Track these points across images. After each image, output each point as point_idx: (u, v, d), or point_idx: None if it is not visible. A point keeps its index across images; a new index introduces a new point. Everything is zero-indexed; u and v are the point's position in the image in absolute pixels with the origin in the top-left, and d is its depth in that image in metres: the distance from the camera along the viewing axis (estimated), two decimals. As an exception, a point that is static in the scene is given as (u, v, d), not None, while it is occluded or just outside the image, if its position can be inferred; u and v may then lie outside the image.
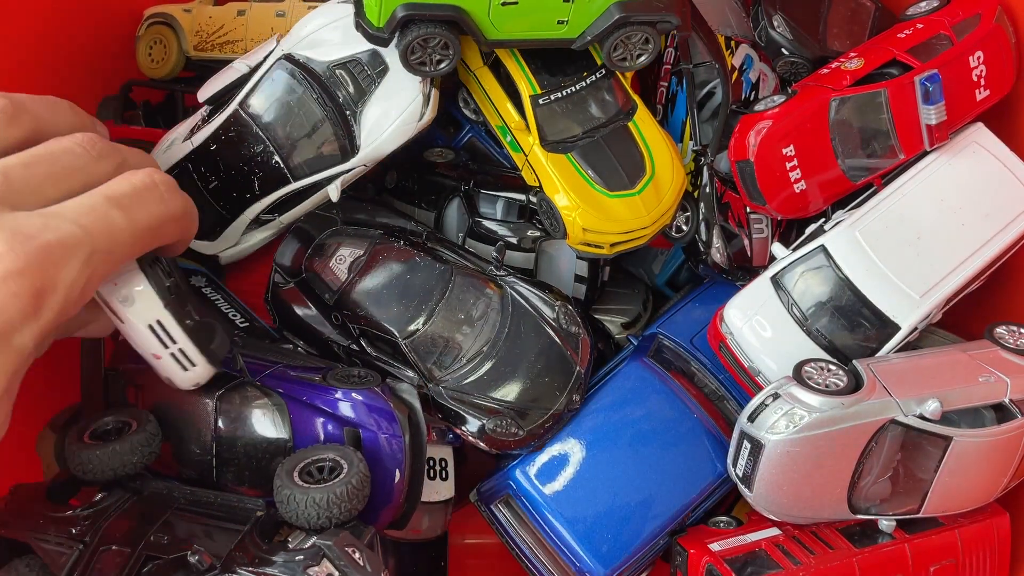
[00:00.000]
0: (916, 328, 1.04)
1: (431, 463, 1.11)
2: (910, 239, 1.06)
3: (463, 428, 1.07)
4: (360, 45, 1.05)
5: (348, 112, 1.06)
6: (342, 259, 1.12)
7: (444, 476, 1.13)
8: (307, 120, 1.06)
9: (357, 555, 0.81)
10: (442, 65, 1.02)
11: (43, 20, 1.24)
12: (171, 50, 1.31)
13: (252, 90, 1.08)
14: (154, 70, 1.33)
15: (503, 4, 0.97)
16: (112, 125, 1.30)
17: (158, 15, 1.32)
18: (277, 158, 1.07)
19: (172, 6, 1.33)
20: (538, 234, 1.17)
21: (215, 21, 1.29)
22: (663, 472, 1.07)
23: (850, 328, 1.05)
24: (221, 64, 1.22)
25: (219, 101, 1.11)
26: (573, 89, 1.09)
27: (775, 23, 1.15)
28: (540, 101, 1.07)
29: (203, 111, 1.13)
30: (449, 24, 0.98)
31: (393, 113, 1.05)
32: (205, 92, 1.12)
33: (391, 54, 1.04)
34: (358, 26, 1.03)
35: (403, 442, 0.99)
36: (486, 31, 1.00)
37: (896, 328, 1.04)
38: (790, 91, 1.11)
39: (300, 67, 1.06)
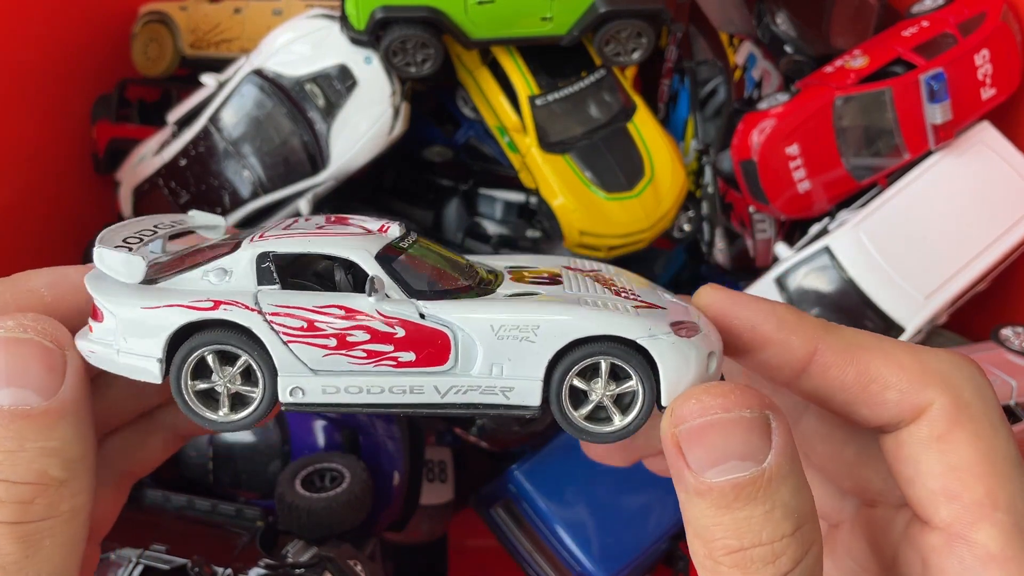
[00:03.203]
0: (921, 330, 1.03)
1: (429, 465, 1.11)
2: (915, 240, 1.05)
3: (463, 427, 1.06)
4: (329, 59, 1.05)
5: (318, 127, 1.05)
6: None
7: (443, 478, 1.12)
8: (277, 135, 1.06)
9: (359, 567, 0.80)
10: (426, 65, 1.02)
11: (38, 18, 1.23)
12: (167, 48, 1.30)
13: (222, 105, 1.08)
14: (150, 68, 1.32)
15: (479, 3, 0.97)
16: (107, 123, 1.28)
17: (154, 13, 1.31)
18: (247, 172, 1.07)
19: (168, 4, 1.31)
20: (538, 235, 1.15)
21: (211, 19, 1.28)
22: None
23: (854, 330, 1.04)
24: (217, 62, 1.21)
25: (188, 116, 1.11)
26: (571, 89, 1.07)
27: (778, 20, 1.13)
28: (538, 102, 1.06)
29: (172, 126, 1.13)
30: (428, 24, 0.98)
31: (363, 127, 1.05)
32: (175, 114, 1.13)
33: (360, 68, 1.04)
34: (343, 31, 1.03)
35: (401, 443, 0.98)
36: (467, 30, 1.00)
37: (900, 330, 1.03)
38: (793, 89, 1.10)
39: (269, 82, 1.06)
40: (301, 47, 1.06)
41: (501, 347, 0.39)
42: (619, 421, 0.40)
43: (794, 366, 0.41)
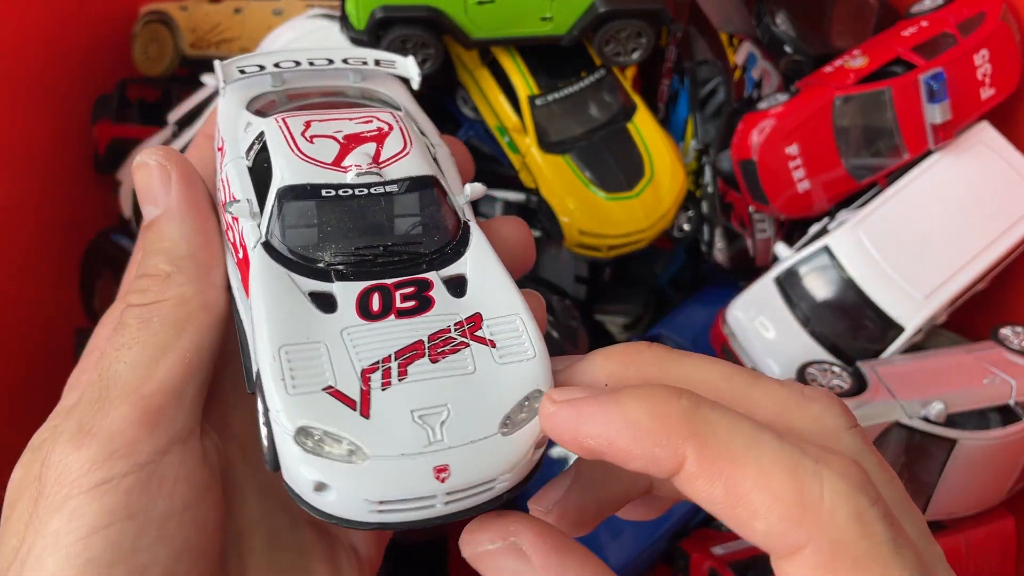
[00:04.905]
0: (921, 330, 1.03)
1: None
2: (915, 239, 1.05)
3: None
4: None
5: None
6: None
7: (444, 478, 1.12)
8: None
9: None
10: (426, 65, 1.02)
11: (38, 18, 1.23)
12: (167, 48, 1.30)
13: None
14: (150, 68, 1.32)
15: (479, 3, 0.97)
16: (108, 123, 1.29)
17: (154, 13, 1.31)
18: None
19: (168, 4, 1.31)
20: (538, 235, 1.15)
21: (211, 19, 1.28)
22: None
23: (854, 329, 1.04)
24: (218, 62, 1.21)
25: (188, 116, 1.11)
26: (571, 89, 1.07)
27: (778, 20, 1.13)
28: (537, 102, 1.06)
29: (172, 126, 1.13)
30: (428, 24, 0.98)
31: None
32: (176, 114, 1.13)
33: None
34: (343, 31, 1.02)
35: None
36: (467, 30, 0.99)
37: (900, 330, 1.03)
38: (793, 89, 1.10)
39: None
40: (301, 47, 1.06)
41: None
42: None
43: (666, 475, 0.36)
